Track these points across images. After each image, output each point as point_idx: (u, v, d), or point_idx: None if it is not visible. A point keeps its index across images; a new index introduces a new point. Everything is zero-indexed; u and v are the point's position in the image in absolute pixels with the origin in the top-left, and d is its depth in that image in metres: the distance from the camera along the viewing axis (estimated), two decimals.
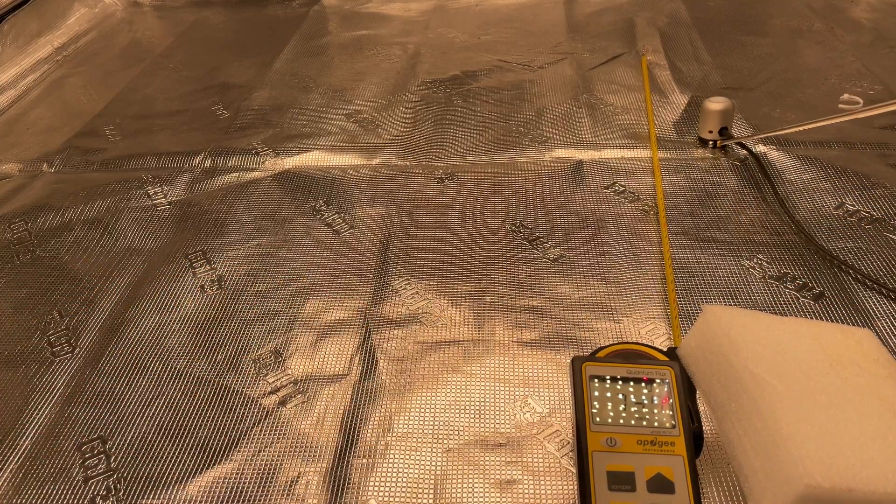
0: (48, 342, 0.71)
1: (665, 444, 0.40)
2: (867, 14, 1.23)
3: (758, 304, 0.67)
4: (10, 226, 0.89)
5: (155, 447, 0.59)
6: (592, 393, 0.42)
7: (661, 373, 0.43)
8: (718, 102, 0.87)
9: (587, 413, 0.41)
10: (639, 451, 0.39)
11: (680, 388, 0.42)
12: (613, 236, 0.76)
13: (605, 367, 0.43)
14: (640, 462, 0.39)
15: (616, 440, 0.40)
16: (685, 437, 0.40)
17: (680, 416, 0.41)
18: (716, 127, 0.88)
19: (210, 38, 1.42)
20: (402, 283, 0.73)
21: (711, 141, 0.89)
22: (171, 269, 0.78)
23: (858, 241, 0.73)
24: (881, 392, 0.49)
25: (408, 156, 0.94)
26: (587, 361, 0.44)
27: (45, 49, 1.40)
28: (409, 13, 1.42)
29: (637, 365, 0.43)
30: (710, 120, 0.88)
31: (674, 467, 0.39)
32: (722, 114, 0.87)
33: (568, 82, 1.09)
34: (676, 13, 1.28)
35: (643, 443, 0.40)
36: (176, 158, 0.99)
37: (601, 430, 0.40)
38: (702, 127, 0.90)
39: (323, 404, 0.61)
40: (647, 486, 0.38)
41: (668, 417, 0.41)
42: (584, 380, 0.42)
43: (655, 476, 0.38)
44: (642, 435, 0.40)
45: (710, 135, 0.89)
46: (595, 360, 0.44)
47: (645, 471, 0.38)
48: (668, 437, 0.40)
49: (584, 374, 0.43)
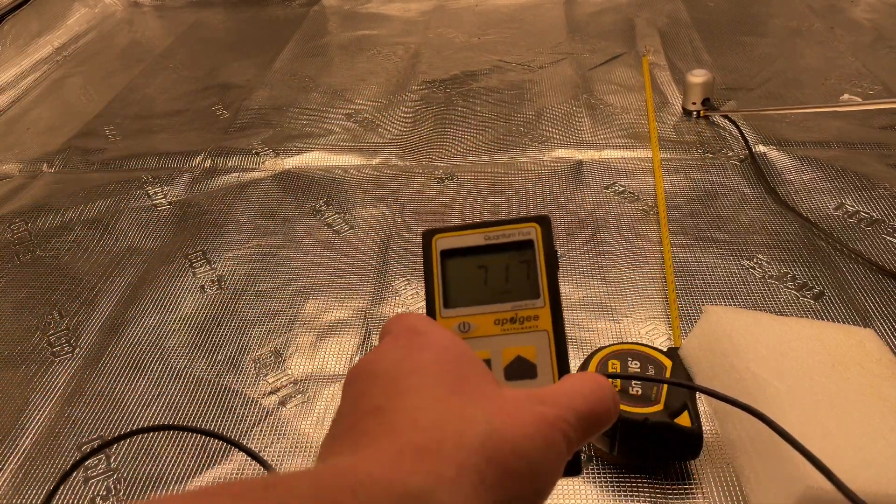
0: (48, 342, 0.71)
1: (527, 319, 0.33)
2: (867, 14, 1.23)
3: (758, 303, 0.67)
4: (10, 226, 0.89)
5: (155, 447, 0.59)
6: (444, 271, 0.35)
7: (524, 231, 0.35)
8: (700, 75, 0.94)
9: (437, 296, 0.35)
10: (496, 333, 0.33)
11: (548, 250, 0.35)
12: (613, 236, 0.76)
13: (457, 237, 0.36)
14: (498, 346, 0.33)
15: (470, 324, 0.34)
16: (551, 306, 0.33)
17: (546, 283, 0.34)
18: (699, 98, 0.95)
19: (210, 38, 1.42)
20: (402, 284, 0.73)
21: (695, 111, 0.96)
22: (171, 269, 0.78)
23: (858, 242, 0.73)
24: (883, 392, 0.49)
25: (408, 156, 0.94)
26: (439, 234, 0.36)
27: (45, 49, 1.40)
28: (409, 13, 1.42)
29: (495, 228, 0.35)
30: (693, 92, 0.95)
31: (537, 345, 0.33)
32: (703, 86, 0.94)
33: (568, 82, 1.09)
34: (676, 13, 1.28)
35: (501, 322, 0.34)
36: (176, 158, 0.99)
37: (453, 314, 0.34)
38: (686, 99, 0.96)
39: (323, 404, 0.61)
40: (505, 373, 0.32)
41: (529, 286, 0.34)
42: (433, 256, 0.36)
43: (515, 360, 0.33)
44: (500, 313, 0.34)
45: (693, 106, 0.96)
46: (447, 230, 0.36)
47: (503, 355, 0.33)
48: (530, 310, 0.33)
49: (433, 250, 0.36)
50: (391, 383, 0.26)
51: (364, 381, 0.27)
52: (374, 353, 0.28)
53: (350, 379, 0.28)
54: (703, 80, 0.94)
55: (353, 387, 0.27)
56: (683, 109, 0.97)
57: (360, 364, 0.28)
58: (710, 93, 0.95)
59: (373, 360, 0.28)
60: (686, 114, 0.96)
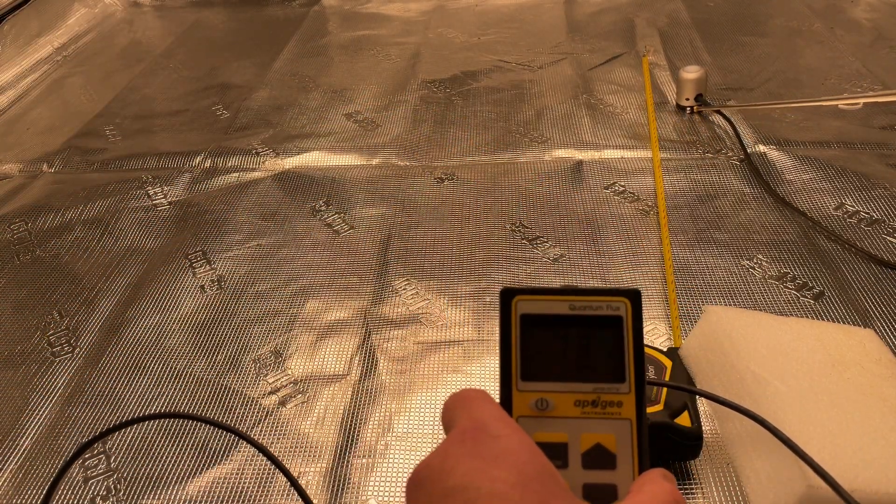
0: (48, 342, 0.71)
1: (609, 404, 0.31)
2: (867, 14, 1.23)
3: (758, 303, 0.67)
4: (10, 226, 0.89)
5: (155, 447, 0.59)
6: (524, 339, 0.32)
7: (614, 306, 0.32)
8: (693, 72, 0.95)
9: (514, 367, 0.32)
10: (576, 416, 0.31)
11: (636, 328, 0.32)
12: (613, 236, 0.76)
13: (540, 301, 0.33)
14: (577, 430, 0.31)
15: (549, 402, 0.31)
16: (636, 394, 0.31)
17: (633, 367, 0.32)
18: (692, 94, 0.96)
19: (210, 38, 1.42)
20: (403, 284, 0.73)
21: (689, 107, 0.97)
22: (171, 270, 0.78)
23: (858, 242, 0.73)
24: (883, 392, 0.49)
25: (408, 156, 0.94)
26: (520, 295, 0.33)
27: (45, 49, 1.40)
28: (409, 13, 1.42)
29: (584, 297, 0.33)
30: (687, 88, 0.96)
31: (618, 435, 0.31)
32: (696, 82, 0.95)
33: (568, 82, 1.09)
34: (676, 13, 1.28)
35: (582, 403, 0.31)
36: (176, 158, 0.99)
37: (531, 388, 0.32)
38: (679, 95, 0.98)
39: (323, 404, 0.61)
40: (583, 460, 0.30)
41: (614, 367, 0.32)
42: (513, 320, 0.33)
43: (594, 448, 0.31)
44: (582, 393, 0.31)
45: (686, 102, 0.97)
46: (528, 291, 0.33)
47: (581, 441, 0.31)
48: (613, 395, 0.31)
49: (513, 313, 0.33)
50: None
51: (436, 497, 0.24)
52: (442, 458, 0.25)
53: (416, 485, 0.25)
54: (696, 77, 0.95)
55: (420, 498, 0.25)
56: (677, 105, 0.98)
57: (427, 470, 0.25)
58: (703, 89, 0.96)
59: (442, 468, 0.25)
60: (679, 110, 0.98)
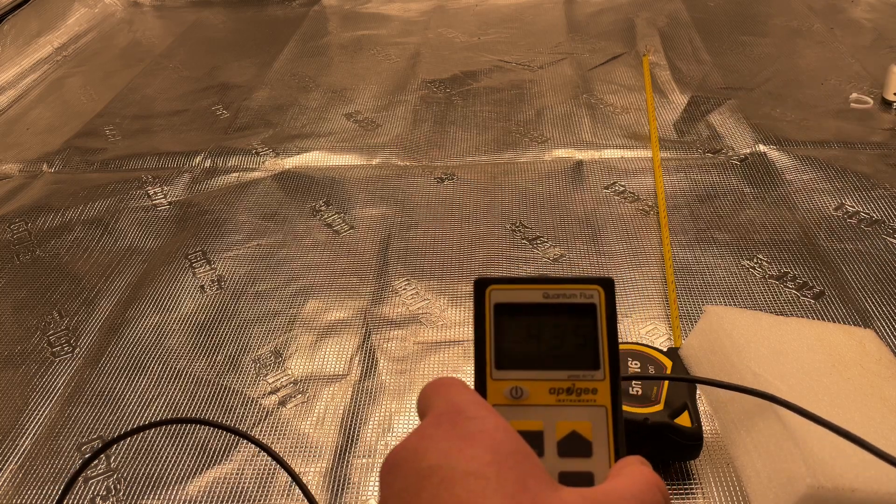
0: (48, 342, 0.71)
1: (584, 391, 0.31)
2: (867, 14, 1.23)
3: (758, 303, 0.67)
4: (10, 226, 0.89)
5: (155, 447, 0.59)
6: (498, 328, 0.33)
7: (587, 293, 0.32)
8: None
9: (488, 355, 0.32)
10: (551, 404, 0.31)
11: (609, 315, 0.32)
12: (613, 236, 0.76)
13: (513, 290, 0.33)
14: (552, 417, 0.31)
15: (523, 390, 0.32)
16: (611, 380, 0.31)
17: (607, 354, 0.32)
18: None
19: (210, 38, 1.42)
20: (403, 284, 0.73)
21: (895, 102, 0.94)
22: (171, 269, 0.78)
23: (858, 242, 0.73)
24: (884, 392, 0.49)
25: (408, 156, 0.94)
26: (493, 285, 0.33)
27: (45, 49, 1.40)
28: (409, 13, 1.42)
29: (557, 286, 0.33)
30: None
31: (593, 422, 0.31)
32: None
33: (568, 82, 1.09)
34: (676, 13, 1.28)
35: (557, 391, 0.31)
36: (176, 158, 0.99)
37: (505, 377, 0.32)
38: (887, 90, 0.95)
39: (323, 404, 0.61)
40: (558, 448, 0.30)
41: (589, 355, 0.32)
42: (486, 310, 0.33)
43: (569, 435, 0.31)
44: (556, 381, 0.32)
45: (895, 97, 0.94)
46: (502, 280, 0.33)
47: (556, 428, 0.31)
48: (588, 382, 0.31)
49: (487, 302, 0.33)
50: (445, 488, 0.23)
51: (412, 477, 0.24)
52: (418, 439, 0.26)
53: (391, 467, 0.25)
54: None
55: (396, 479, 0.25)
56: (883, 99, 0.96)
57: (403, 452, 0.25)
58: None
59: (417, 448, 0.25)
60: (885, 104, 0.95)
